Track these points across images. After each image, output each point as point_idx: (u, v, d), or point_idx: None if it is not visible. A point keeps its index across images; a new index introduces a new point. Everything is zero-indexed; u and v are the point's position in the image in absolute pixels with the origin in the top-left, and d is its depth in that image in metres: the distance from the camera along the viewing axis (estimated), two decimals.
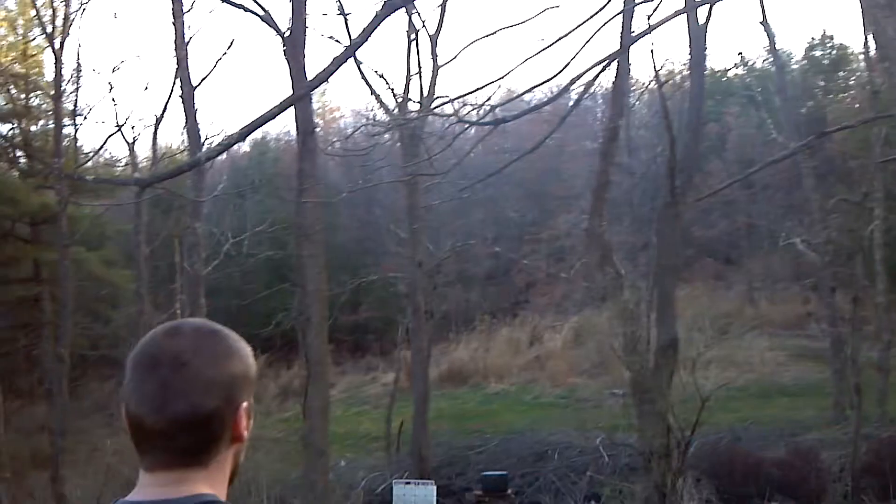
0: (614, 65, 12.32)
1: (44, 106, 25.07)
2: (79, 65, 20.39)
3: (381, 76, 20.31)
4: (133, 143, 22.51)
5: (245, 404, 1.36)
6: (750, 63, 35.86)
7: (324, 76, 8.25)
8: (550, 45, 8.10)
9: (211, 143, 17.21)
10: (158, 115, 20.95)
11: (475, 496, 17.00)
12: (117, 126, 20.37)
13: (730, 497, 13.09)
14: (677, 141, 14.43)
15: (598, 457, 17.90)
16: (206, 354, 1.33)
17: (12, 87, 24.46)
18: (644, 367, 13.33)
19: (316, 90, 18.85)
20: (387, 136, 14.40)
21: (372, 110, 26.41)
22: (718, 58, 40.53)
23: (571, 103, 13.86)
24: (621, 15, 10.80)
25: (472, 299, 35.10)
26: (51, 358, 19.84)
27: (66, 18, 19.03)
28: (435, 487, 16.26)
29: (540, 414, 22.92)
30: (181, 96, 16.88)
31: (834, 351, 19.49)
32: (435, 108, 17.01)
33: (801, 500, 13.25)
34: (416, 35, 19.60)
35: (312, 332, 14.37)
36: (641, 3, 12.77)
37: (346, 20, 17.12)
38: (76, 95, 20.98)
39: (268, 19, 14.46)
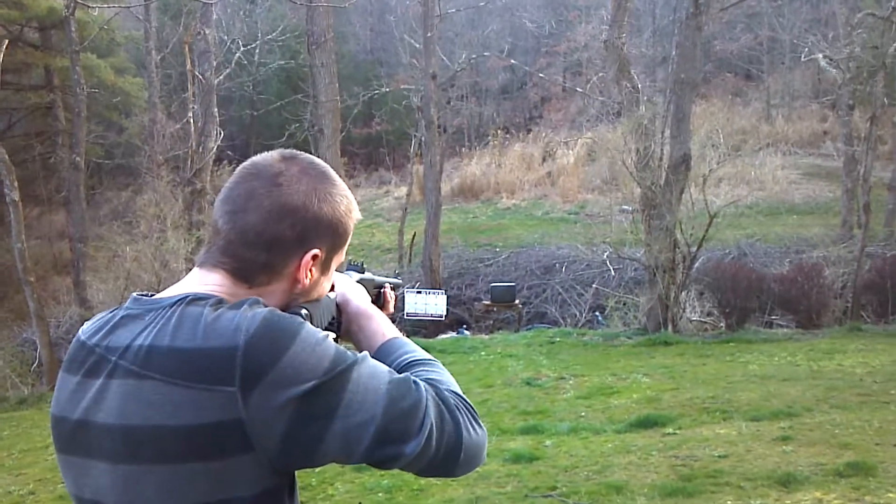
0: None
1: None
2: None
3: None
4: None
5: (316, 252, 1.33)
6: None
7: None
8: None
9: None
10: None
11: (484, 306, 17.56)
12: None
13: (731, 311, 13.46)
14: None
15: (604, 270, 18.34)
16: (303, 186, 1.31)
17: None
18: (655, 182, 13.38)
19: None
20: None
21: None
22: None
23: None
24: None
25: (486, 114, 34.81)
26: (67, 166, 20.03)
27: None
28: (445, 296, 16.80)
29: (549, 229, 23.26)
30: None
31: (847, 170, 19.48)
32: None
33: (802, 315, 13.64)
34: None
35: (325, 144, 14.41)
36: None
37: None
38: None
39: None
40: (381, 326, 1.51)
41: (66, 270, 21.66)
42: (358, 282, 1.65)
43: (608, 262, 18.32)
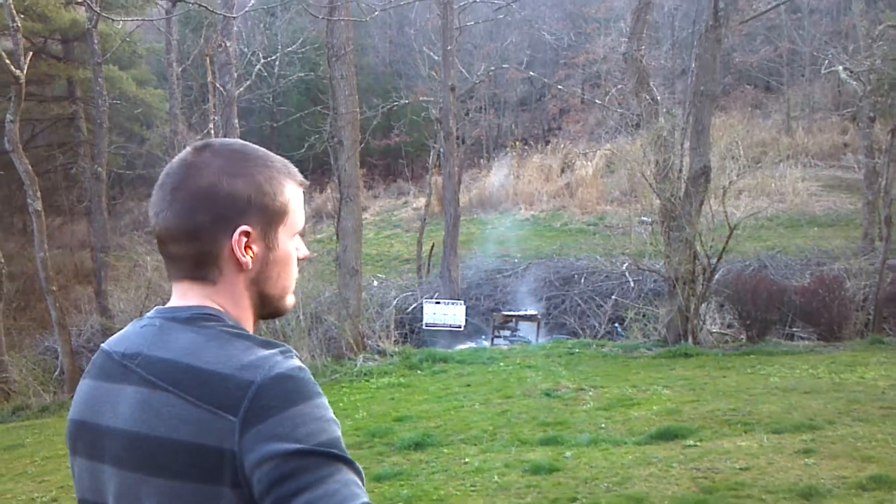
0: None
1: None
2: None
3: None
4: None
5: (245, 228, 1.30)
6: None
7: None
8: None
9: None
10: None
11: (503, 316, 17.54)
12: None
13: (752, 323, 13.37)
14: None
15: (623, 282, 18.29)
16: (213, 169, 1.30)
17: None
18: (675, 194, 13.34)
19: None
20: None
21: None
22: None
23: None
24: None
25: (504, 125, 34.86)
26: (88, 176, 20.25)
27: None
28: (464, 307, 16.80)
29: (568, 240, 23.22)
30: None
31: (868, 182, 19.34)
32: None
33: (823, 328, 13.53)
34: None
35: (344, 155, 14.44)
36: None
37: None
38: None
39: None
40: None
41: (88, 280, 21.87)
42: None
43: (627, 274, 18.27)
